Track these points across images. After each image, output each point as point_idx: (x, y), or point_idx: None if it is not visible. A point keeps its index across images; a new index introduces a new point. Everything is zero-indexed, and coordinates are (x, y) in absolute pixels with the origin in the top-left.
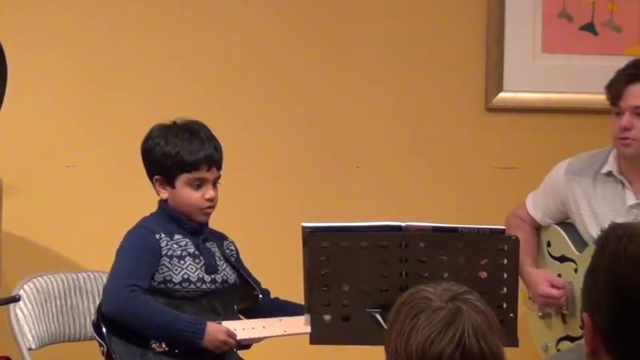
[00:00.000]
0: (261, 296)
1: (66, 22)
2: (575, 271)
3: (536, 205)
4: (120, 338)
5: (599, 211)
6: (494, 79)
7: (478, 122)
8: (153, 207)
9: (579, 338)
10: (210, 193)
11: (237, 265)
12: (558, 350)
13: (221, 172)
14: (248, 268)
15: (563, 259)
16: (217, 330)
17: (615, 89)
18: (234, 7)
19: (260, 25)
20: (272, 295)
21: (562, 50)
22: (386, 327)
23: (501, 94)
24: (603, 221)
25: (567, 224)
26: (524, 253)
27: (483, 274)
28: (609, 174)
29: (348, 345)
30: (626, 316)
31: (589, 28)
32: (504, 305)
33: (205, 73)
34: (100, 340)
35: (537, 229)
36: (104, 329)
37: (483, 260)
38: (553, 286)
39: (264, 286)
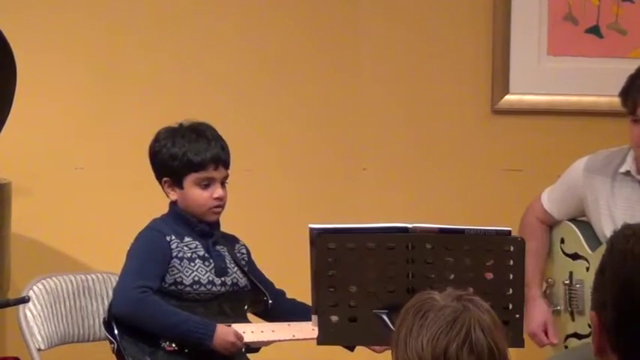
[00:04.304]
0: (271, 302)
1: (74, 25)
2: (587, 269)
3: (552, 201)
4: (130, 336)
5: (616, 210)
6: (500, 81)
7: (484, 124)
8: (161, 208)
9: (587, 336)
10: (218, 192)
11: (247, 269)
12: (566, 347)
13: (229, 172)
14: (261, 271)
15: (575, 256)
16: (226, 332)
17: (632, 99)
18: (242, 9)
19: (268, 26)
20: (288, 296)
21: (568, 53)
22: (393, 328)
23: (507, 97)
24: (620, 220)
25: (582, 222)
26: (534, 271)
27: (489, 276)
28: (627, 173)
29: (355, 346)
30: (631, 315)
31: (594, 30)
32: (510, 306)
33: (213, 75)
34: (110, 338)
35: (551, 226)
36: (115, 327)
37: (489, 261)
38: (545, 332)
39: (276, 286)
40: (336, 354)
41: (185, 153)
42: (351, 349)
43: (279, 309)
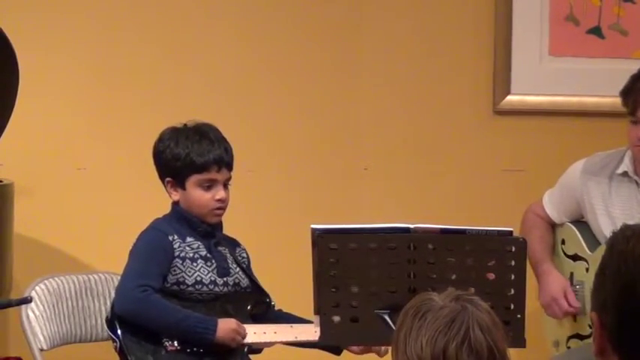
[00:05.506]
0: (273, 303)
1: (76, 26)
2: (587, 270)
3: (552, 203)
4: (133, 335)
5: (613, 211)
6: (502, 82)
7: (486, 125)
8: (163, 208)
9: (588, 337)
10: (220, 193)
11: (248, 270)
12: (568, 348)
13: (232, 174)
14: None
15: (575, 257)
16: (228, 322)
17: (632, 99)
18: (245, 10)
19: (269, 27)
20: (277, 307)
21: (569, 53)
22: (394, 328)
23: (509, 97)
24: (618, 221)
25: (582, 223)
26: (543, 252)
27: (491, 276)
28: (624, 174)
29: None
30: (632, 315)
31: (596, 31)
32: (512, 306)
33: (214, 76)
34: (113, 337)
35: (553, 226)
36: (118, 326)
37: (491, 262)
38: (566, 298)
39: (271, 294)
40: (339, 355)
41: (188, 154)
42: (338, 352)
43: (267, 319)
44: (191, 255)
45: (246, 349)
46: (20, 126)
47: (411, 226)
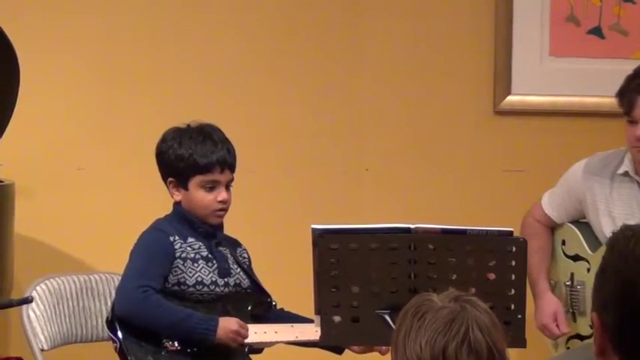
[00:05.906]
0: (274, 303)
1: (76, 26)
2: (588, 270)
3: (552, 204)
4: (133, 336)
5: (615, 211)
6: (502, 82)
7: (486, 125)
8: (163, 208)
9: (588, 337)
10: (223, 195)
11: (250, 270)
12: (567, 348)
13: (234, 175)
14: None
15: (576, 258)
16: (229, 322)
17: (627, 100)
18: (245, 11)
19: (270, 28)
20: (278, 307)
21: (569, 54)
22: (394, 329)
23: (509, 98)
24: (619, 221)
25: (582, 223)
26: (540, 267)
27: (492, 276)
28: (625, 174)
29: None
30: (632, 316)
31: (596, 31)
32: (512, 307)
33: (215, 76)
34: (113, 337)
35: (552, 228)
36: (118, 327)
37: (492, 262)
38: (556, 322)
39: (272, 294)
40: (340, 355)
41: (191, 155)
42: (340, 352)
43: (269, 318)
44: (192, 255)
45: (247, 349)
46: (20, 126)
47: (412, 226)
